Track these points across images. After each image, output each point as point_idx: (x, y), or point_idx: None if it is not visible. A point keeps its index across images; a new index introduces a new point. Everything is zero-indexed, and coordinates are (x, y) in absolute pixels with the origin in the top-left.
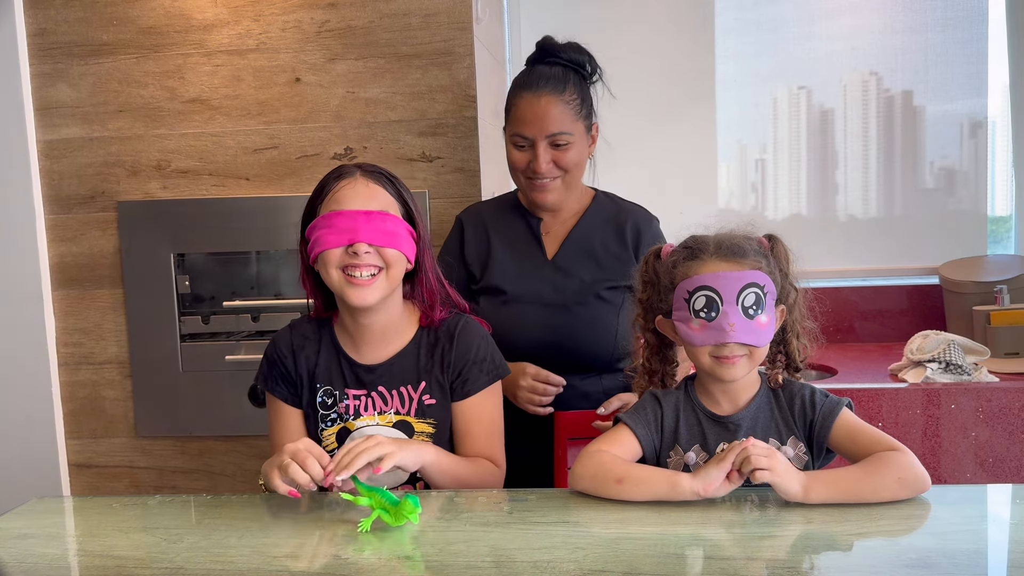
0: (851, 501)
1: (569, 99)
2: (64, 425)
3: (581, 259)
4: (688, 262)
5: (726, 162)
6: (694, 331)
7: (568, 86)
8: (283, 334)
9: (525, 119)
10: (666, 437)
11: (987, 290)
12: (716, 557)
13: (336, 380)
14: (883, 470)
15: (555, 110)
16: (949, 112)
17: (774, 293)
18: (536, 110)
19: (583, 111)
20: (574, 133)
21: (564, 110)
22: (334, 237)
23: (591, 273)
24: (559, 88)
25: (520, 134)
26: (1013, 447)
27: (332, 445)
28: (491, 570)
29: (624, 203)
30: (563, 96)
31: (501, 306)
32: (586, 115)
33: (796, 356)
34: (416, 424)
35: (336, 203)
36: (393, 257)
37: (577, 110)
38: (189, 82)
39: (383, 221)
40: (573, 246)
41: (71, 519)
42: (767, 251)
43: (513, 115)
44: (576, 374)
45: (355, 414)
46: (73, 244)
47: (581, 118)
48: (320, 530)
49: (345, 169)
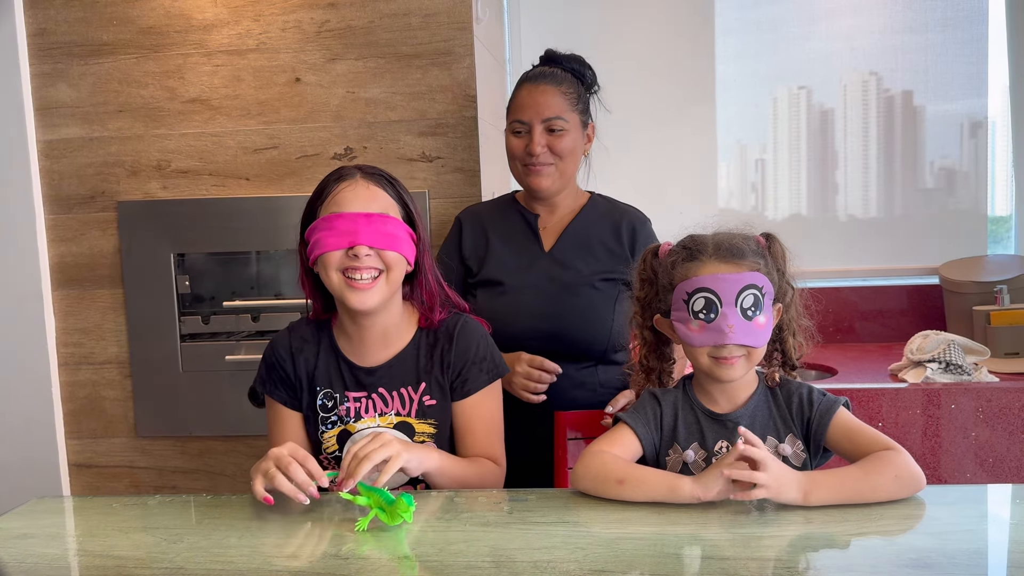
0: (851, 501)
1: (566, 91)
2: (64, 425)
3: (578, 252)
4: (687, 263)
5: (726, 162)
6: (693, 332)
7: (566, 82)
8: (281, 337)
9: (523, 105)
10: (665, 435)
11: (987, 290)
12: (716, 557)
13: (336, 383)
14: (881, 469)
15: (551, 98)
16: (949, 112)
17: (772, 293)
18: (534, 96)
19: (579, 105)
20: (569, 121)
21: (560, 99)
22: (334, 240)
23: (587, 265)
24: (557, 80)
25: (518, 119)
26: (1013, 447)
27: (333, 447)
28: (491, 570)
29: (619, 204)
30: (560, 87)
31: (498, 296)
32: (582, 110)
33: (792, 353)
34: (417, 425)
35: (336, 205)
36: (393, 260)
37: (573, 102)
38: (189, 82)
39: (383, 223)
40: (570, 240)
41: (71, 519)
42: (764, 250)
43: (513, 105)
44: (572, 363)
45: (356, 416)
46: (73, 244)
47: (577, 111)
48: (320, 530)
49: (345, 171)
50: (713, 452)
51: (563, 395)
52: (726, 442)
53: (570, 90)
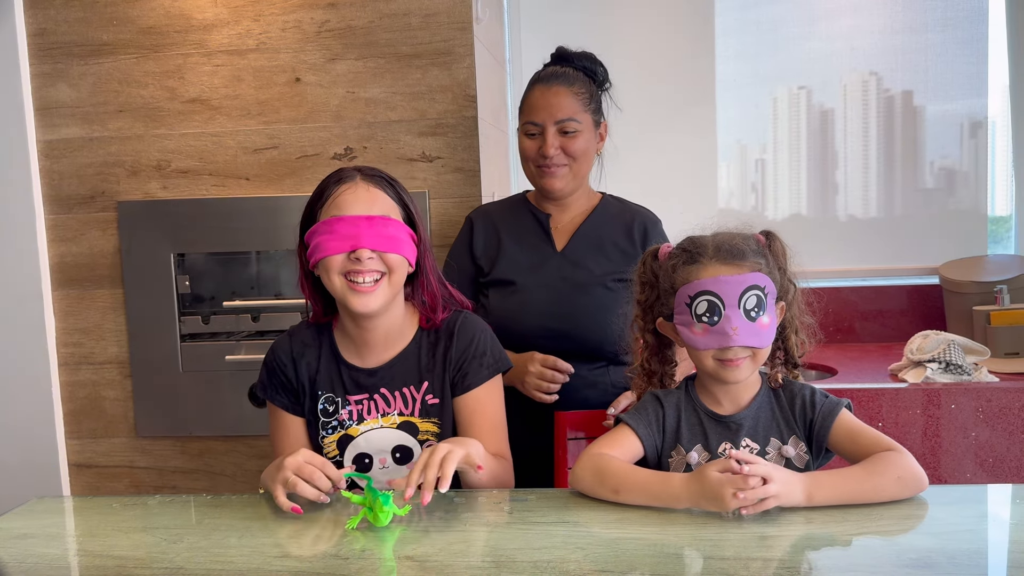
0: (854, 502)
1: (579, 92)
2: (64, 425)
3: (590, 252)
4: (688, 266)
5: (726, 162)
6: (697, 335)
7: (578, 82)
8: (282, 342)
9: (536, 106)
10: (668, 437)
11: (987, 290)
12: (716, 557)
13: (336, 387)
14: (883, 470)
15: (564, 99)
16: (949, 112)
17: (774, 292)
18: (547, 97)
19: (592, 105)
20: (582, 122)
21: (573, 100)
22: (336, 243)
23: (599, 265)
24: (569, 81)
25: (531, 121)
26: (1013, 447)
27: (333, 453)
28: (491, 570)
29: (631, 205)
30: (572, 88)
31: (510, 295)
32: (595, 110)
33: (795, 352)
34: (420, 424)
35: (337, 208)
36: (395, 262)
37: (586, 103)
38: (189, 82)
39: (385, 226)
40: (582, 240)
41: (71, 519)
42: (764, 248)
43: (525, 106)
44: (584, 363)
45: (358, 419)
46: (73, 244)
47: (590, 111)
48: (320, 530)
49: (345, 173)
50: (716, 454)
51: (575, 395)
52: (729, 444)
53: (582, 90)
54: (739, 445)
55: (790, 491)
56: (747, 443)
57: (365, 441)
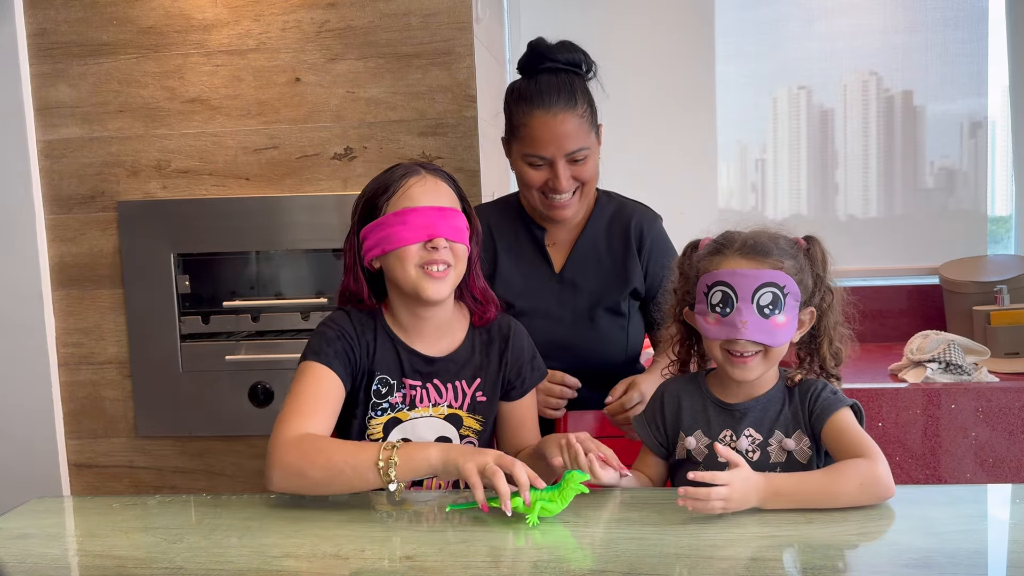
0: (811, 506)
1: (582, 112)
2: (64, 425)
3: (589, 270)
4: (711, 256)
5: (726, 162)
6: (709, 325)
7: (577, 96)
8: (341, 317)
9: (542, 139)
10: (670, 424)
11: (987, 290)
12: (716, 557)
13: (394, 369)
14: (846, 475)
15: (571, 127)
16: (949, 112)
17: (797, 294)
18: (553, 129)
19: (594, 119)
20: (590, 147)
21: (579, 124)
22: (411, 233)
23: (599, 283)
24: (571, 102)
25: (537, 155)
26: (1013, 447)
27: (378, 435)
28: (491, 570)
29: (626, 201)
30: (576, 110)
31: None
32: (595, 119)
33: (828, 362)
34: (466, 418)
35: (409, 200)
36: (462, 252)
37: (591, 121)
38: (189, 82)
39: (455, 217)
40: (580, 257)
41: (71, 519)
42: (800, 252)
43: (525, 135)
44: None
45: (410, 404)
46: (73, 244)
47: (594, 129)
48: (320, 530)
49: (406, 167)
50: (718, 440)
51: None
52: (731, 431)
53: (584, 107)
54: (741, 434)
55: (742, 502)
56: (749, 432)
57: (412, 427)
